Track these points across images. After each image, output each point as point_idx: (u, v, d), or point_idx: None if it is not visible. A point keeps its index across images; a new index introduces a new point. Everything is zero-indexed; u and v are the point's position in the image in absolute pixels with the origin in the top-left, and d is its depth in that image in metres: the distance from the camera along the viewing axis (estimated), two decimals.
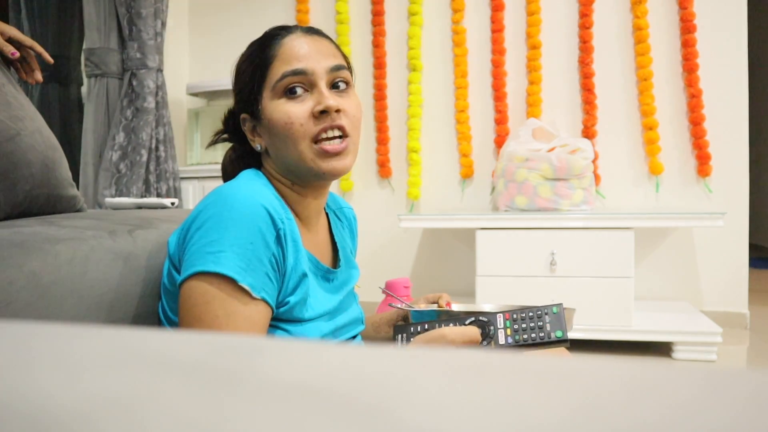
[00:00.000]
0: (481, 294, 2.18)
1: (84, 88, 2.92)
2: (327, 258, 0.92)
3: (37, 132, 0.89)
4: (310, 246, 0.87)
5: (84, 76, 2.78)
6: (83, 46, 2.72)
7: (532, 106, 2.64)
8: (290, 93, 0.79)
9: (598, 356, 0.22)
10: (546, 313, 0.84)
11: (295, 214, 0.86)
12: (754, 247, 3.99)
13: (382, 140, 2.83)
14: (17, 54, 1.03)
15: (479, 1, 2.74)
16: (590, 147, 2.32)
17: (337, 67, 0.82)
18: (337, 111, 0.79)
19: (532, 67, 2.65)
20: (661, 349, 2.19)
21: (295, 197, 0.86)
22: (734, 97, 2.46)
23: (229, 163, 0.93)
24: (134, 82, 2.60)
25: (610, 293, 2.07)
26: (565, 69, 2.64)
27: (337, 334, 0.87)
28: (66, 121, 2.98)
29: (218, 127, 0.92)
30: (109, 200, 1.49)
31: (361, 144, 2.26)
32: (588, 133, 2.59)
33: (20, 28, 2.93)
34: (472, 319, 0.86)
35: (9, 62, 1.04)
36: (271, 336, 0.77)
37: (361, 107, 0.85)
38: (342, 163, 0.80)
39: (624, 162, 2.58)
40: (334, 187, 2.90)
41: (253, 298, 0.72)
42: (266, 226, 0.73)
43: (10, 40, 1.03)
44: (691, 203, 2.52)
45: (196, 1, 3.16)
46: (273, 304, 0.76)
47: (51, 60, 1.13)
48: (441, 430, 0.15)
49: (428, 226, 2.48)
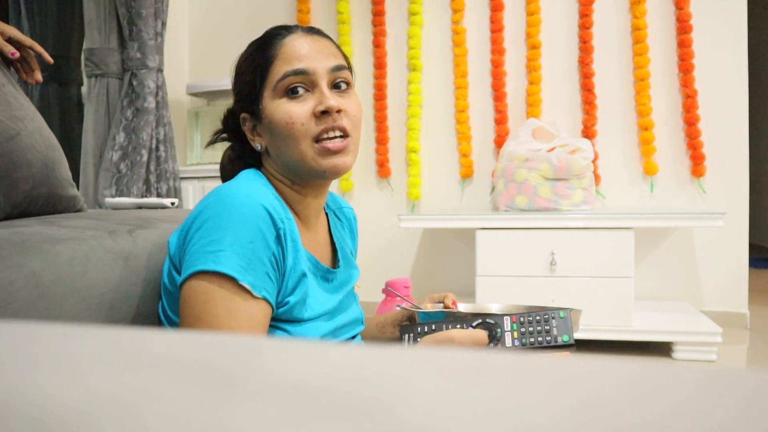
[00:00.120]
0: (481, 294, 2.18)
1: (84, 88, 2.91)
2: (326, 258, 0.92)
3: (37, 132, 0.89)
4: (310, 246, 0.87)
5: (84, 76, 2.78)
6: (83, 46, 2.72)
7: (532, 106, 2.64)
8: (291, 93, 0.80)
9: (598, 356, 0.22)
10: (553, 317, 0.84)
11: (295, 214, 0.86)
12: (754, 247, 3.98)
13: (381, 140, 2.83)
14: (17, 54, 1.03)
15: (479, 1, 2.74)
16: (590, 147, 2.32)
17: (338, 67, 0.82)
18: (338, 111, 0.80)
19: (532, 67, 2.65)
20: (661, 349, 2.19)
21: (295, 197, 0.86)
22: (734, 97, 2.46)
23: (228, 163, 0.92)
24: (134, 82, 2.60)
25: (610, 293, 2.07)
26: (564, 69, 2.64)
27: (336, 335, 0.87)
28: (66, 121, 2.98)
29: (218, 127, 0.92)
30: (109, 200, 1.50)
31: (360, 144, 2.26)
32: (588, 133, 2.59)
33: (20, 28, 2.93)
34: (480, 321, 0.86)
35: (9, 62, 1.04)
36: (271, 336, 0.77)
37: (361, 107, 0.85)
38: (343, 161, 0.80)
39: (624, 162, 2.58)
40: (334, 187, 2.89)
41: (254, 297, 0.72)
42: (266, 226, 0.73)
43: (10, 40, 1.03)
44: (690, 203, 2.52)
45: (196, 1, 3.16)
46: (273, 303, 0.76)
47: (51, 60, 1.13)
48: (441, 429, 0.15)
49: (428, 226, 2.48)
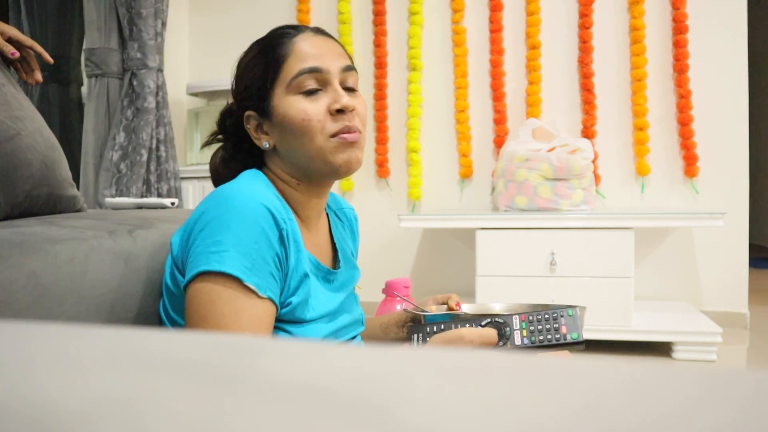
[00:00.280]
0: (481, 294, 2.18)
1: (84, 88, 2.91)
2: (327, 259, 0.92)
3: (37, 132, 0.89)
4: (311, 247, 0.87)
5: (84, 76, 2.78)
6: (83, 46, 2.72)
7: (532, 106, 2.64)
8: (306, 90, 0.80)
9: (598, 356, 0.22)
10: (562, 315, 0.85)
11: (297, 215, 0.86)
12: (754, 247, 3.98)
13: (381, 140, 2.83)
14: (17, 54, 1.03)
15: (479, 1, 2.73)
16: (590, 147, 2.32)
17: (349, 68, 0.84)
18: (351, 110, 0.81)
19: (532, 67, 2.64)
20: (661, 349, 2.19)
21: (299, 197, 0.86)
22: (734, 97, 2.46)
23: (222, 165, 0.91)
24: (134, 82, 2.60)
25: (610, 293, 2.07)
26: (564, 69, 2.64)
27: (337, 335, 0.87)
28: (66, 121, 2.98)
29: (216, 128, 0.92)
30: (109, 200, 1.50)
31: None
32: (588, 133, 2.58)
33: (20, 28, 2.93)
34: (489, 321, 0.86)
35: (9, 62, 1.04)
36: (273, 336, 0.77)
37: (366, 107, 0.87)
38: (356, 155, 0.82)
39: (624, 162, 2.58)
40: (335, 188, 2.89)
41: (260, 297, 0.72)
42: (269, 226, 0.74)
43: (10, 40, 1.03)
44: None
45: (196, 1, 3.16)
46: (278, 303, 0.76)
47: (51, 60, 1.13)
48: (441, 429, 0.15)
49: (428, 226, 2.48)
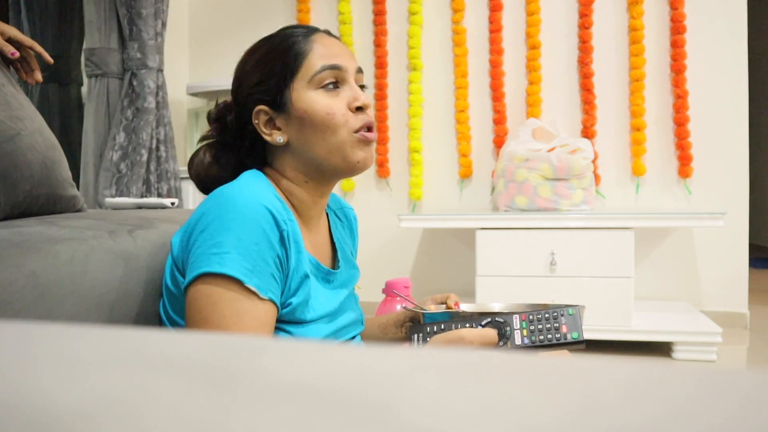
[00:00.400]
0: (481, 294, 2.18)
1: (84, 88, 2.91)
2: (327, 259, 0.92)
3: (37, 132, 0.89)
4: (311, 247, 0.87)
5: (84, 76, 2.78)
6: (83, 46, 2.72)
7: (532, 106, 2.64)
8: (328, 85, 0.82)
9: (598, 356, 0.22)
10: (562, 315, 0.85)
11: (298, 215, 0.86)
12: (754, 247, 3.98)
13: (381, 140, 2.83)
14: (17, 54, 1.03)
15: (479, 1, 2.73)
16: (590, 147, 2.32)
17: (360, 69, 0.87)
18: (368, 108, 0.85)
19: (532, 67, 2.65)
20: (661, 349, 2.19)
21: (303, 196, 0.86)
22: (734, 97, 2.46)
23: (213, 163, 0.88)
24: (135, 82, 2.60)
25: (610, 293, 2.07)
26: (564, 69, 2.64)
27: (338, 335, 0.87)
28: (66, 121, 2.98)
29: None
30: (109, 200, 1.49)
31: None
32: (588, 133, 2.59)
33: (20, 28, 2.93)
34: (489, 320, 0.86)
35: (9, 62, 1.04)
36: (273, 337, 0.77)
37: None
38: (371, 154, 0.85)
39: (620, 162, 2.58)
40: (335, 187, 2.89)
41: (261, 299, 0.72)
42: (270, 227, 0.74)
43: (10, 40, 1.03)
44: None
45: (196, 1, 3.16)
46: (279, 304, 0.76)
47: (51, 60, 1.13)
48: (441, 429, 0.15)
49: (428, 226, 2.48)
